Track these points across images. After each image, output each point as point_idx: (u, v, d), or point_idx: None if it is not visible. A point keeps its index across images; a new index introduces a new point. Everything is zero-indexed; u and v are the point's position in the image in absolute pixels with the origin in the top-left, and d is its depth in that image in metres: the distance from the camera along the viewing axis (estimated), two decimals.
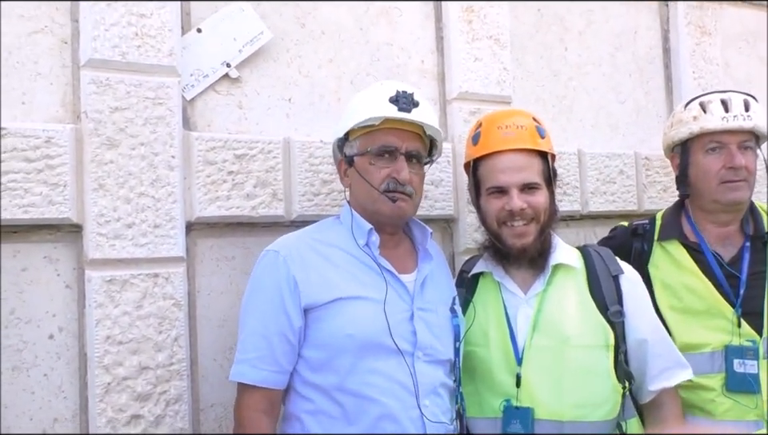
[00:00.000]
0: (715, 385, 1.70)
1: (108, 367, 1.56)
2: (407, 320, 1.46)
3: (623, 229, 1.96)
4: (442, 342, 1.50)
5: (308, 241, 1.51)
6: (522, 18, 2.32)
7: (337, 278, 1.45)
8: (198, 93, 1.76)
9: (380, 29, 2.05)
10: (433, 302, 1.53)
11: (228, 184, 1.74)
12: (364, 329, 1.40)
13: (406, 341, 1.44)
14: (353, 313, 1.41)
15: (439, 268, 1.63)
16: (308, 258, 1.46)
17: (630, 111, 2.54)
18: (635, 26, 2.59)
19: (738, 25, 2.87)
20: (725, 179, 1.76)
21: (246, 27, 1.81)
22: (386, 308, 1.42)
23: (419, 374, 1.43)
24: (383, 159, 1.50)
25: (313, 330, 1.43)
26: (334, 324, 1.41)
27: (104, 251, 1.58)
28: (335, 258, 1.48)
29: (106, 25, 1.60)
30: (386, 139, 1.50)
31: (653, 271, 1.83)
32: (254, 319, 1.45)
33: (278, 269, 1.44)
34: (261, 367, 1.41)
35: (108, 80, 1.60)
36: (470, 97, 2.12)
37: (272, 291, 1.43)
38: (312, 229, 1.57)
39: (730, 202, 1.77)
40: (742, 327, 1.70)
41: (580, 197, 2.33)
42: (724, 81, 2.73)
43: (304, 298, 1.42)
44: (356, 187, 1.55)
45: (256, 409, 1.41)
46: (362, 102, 1.54)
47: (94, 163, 1.57)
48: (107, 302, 1.57)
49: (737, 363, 1.68)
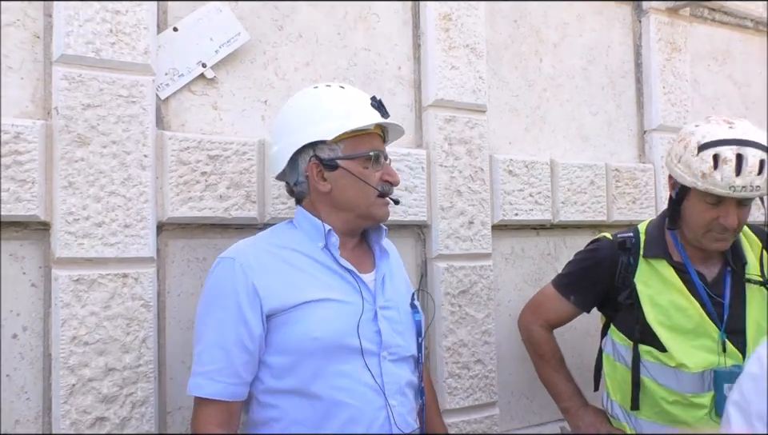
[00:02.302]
0: (706, 403, 1.71)
1: (73, 368, 1.53)
2: (371, 320, 1.46)
3: (609, 242, 1.92)
4: (404, 339, 1.51)
5: (265, 247, 1.48)
6: (499, 29, 2.35)
7: (300, 282, 1.42)
8: (172, 92, 1.74)
9: (358, 35, 2.06)
10: (393, 300, 1.53)
11: (201, 185, 1.73)
12: (330, 331, 1.39)
13: (371, 342, 1.44)
14: (318, 316, 1.40)
15: (396, 265, 1.64)
16: (267, 263, 1.43)
17: (601, 123, 2.59)
18: (608, 41, 2.64)
19: (708, 43, 2.95)
20: (714, 231, 1.73)
21: (223, 28, 1.81)
22: (351, 308, 1.42)
23: (386, 374, 1.43)
24: (374, 163, 1.50)
25: (277, 336, 1.40)
26: (299, 328, 1.39)
27: (72, 250, 1.55)
28: (296, 262, 1.46)
29: (80, 21, 1.58)
30: (372, 144, 1.50)
31: (641, 287, 1.81)
32: (210, 330, 1.40)
33: (235, 277, 1.39)
34: (219, 379, 1.37)
35: (81, 76, 1.57)
36: (445, 104, 2.14)
37: (229, 300, 1.39)
38: (267, 235, 1.54)
39: (713, 250, 1.77)
40: (728, 349, 1.72)
41: (551, 206, 2.36)
42: (693, 97, 2.80)
43: (266, 305, 1.39)
44: (345, 191, 1.48)
45: (213, 423, 1.37)
46: (343, 106, 1.49)
47: (63, 160, 1.55)
48: (74, 302, 1.54)
49: (727, 387, 1.67)
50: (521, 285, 2.34)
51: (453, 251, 2.12)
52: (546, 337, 2.06)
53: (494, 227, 2.24)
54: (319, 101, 1.52)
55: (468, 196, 2.17)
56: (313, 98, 1.53)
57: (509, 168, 2.27)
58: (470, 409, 2.12)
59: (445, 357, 2.09)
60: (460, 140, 2.16)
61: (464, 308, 2.13)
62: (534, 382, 2.29)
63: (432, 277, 2.11)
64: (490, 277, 2.20)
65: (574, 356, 2.40)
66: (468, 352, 2.13)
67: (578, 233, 2.43)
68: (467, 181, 2.17)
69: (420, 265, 2.14)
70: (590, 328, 2.41)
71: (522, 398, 2.31)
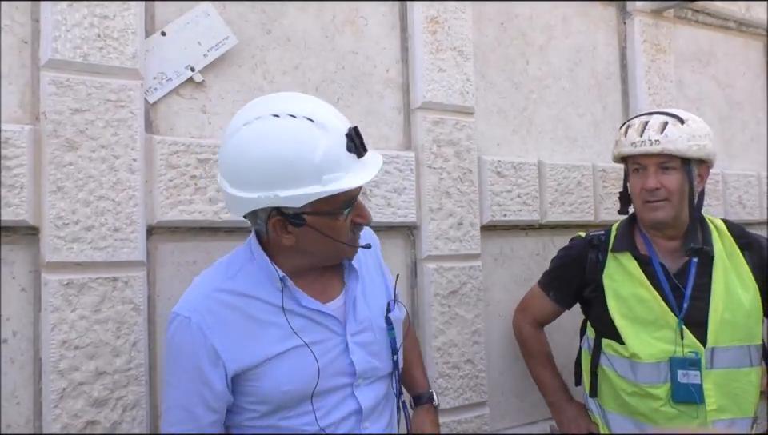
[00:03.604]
0: (662, 395, 1.76)
1: (63, 372, 1.53)
2: (342, 353, 1.39)
3: (581, 240, 2.01)
4: (381, 359, 1.44)
5: (220, 296, 1.34)
6: (486, 31, 2.37)
7: (261, 336, 1.33)
8: (161, 96, 1.75)
9: (346, 38, 2.07)
10: (367, 319, 1.43)
11: (190, 188, 1.74)
12: (299, 382, 1.34)
13: (344, 375, 1.38)
14: (284, 370, 1.34)
15: (368, 277, 1.50)
16: (225, 319, 1.32)
17: (588, 124, 2.62)
18: (594, 43, 2.67)
19: (692, 44, 2.99)
20: (644, 199, 1.83)
21: (211, 31, 1.81)
22: (315, 350, 1.33)
23: (362, 399, 1.40)
24: (347, 211, 1.32)
25: (249, 388, 1.34)
26: (267, 384, 1.34)
27: (62, 254, 1.55)
28: (254, 311, 1.34)
29: (68, 26, 1.58)
30: (348, 193, 1.29)
31: (607, 281, 1.89)
32: (174, 389, 1.34)
33: (194, 339, 1.30)
34: None
35: (69, 81, 1.58)
36: (433, 106, 2.16)
37: (189, 363, 1.31)
38: (221, 276, 1.38)
39: (650, 221, 1.84)
40: (686, 338, 1.76)
41: (539, 207, 2.39)
42: (677, 97, 2.84)
43: (230, 365, 1.31)
44: (312, 245, 1.33)
45: None
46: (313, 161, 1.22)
47: (52, 165, 1.55)
48: (64, 306, 1.54)
49: (680, 374, 1.73)
50: (510, 286, 2.35)
51: (442, 252, 2.14)
52: (534, 334, 2.12)
53: (482, 228, 2.26)
54: (282, 152, 1.22)
55: (457, 197, 2.18)
56: (274, 144, 1.23)
57: (497, 169, 2.29)
58: (460, 409, 2.14)
59: (435, 357, 2.10)
60: (448, 142, 2.18)
61: (454, 308, 2.15)
62: (523, 381, 2.31)
63: (421, 278, 2.12)
64: (479, 278, 2.22)
65: (562, 354, 2.42)
66: (458, 352, 2.15)
67: (566, 234, 2.45)
68: (456, 182, 2.18)
69: (409, 266, 2.15)
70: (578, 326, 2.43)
71: (511, 397, 2.33)
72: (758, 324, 1.81)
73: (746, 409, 1.77)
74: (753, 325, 1.80)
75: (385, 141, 2.12)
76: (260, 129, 1.25)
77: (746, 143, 3.14)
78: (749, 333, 1.78)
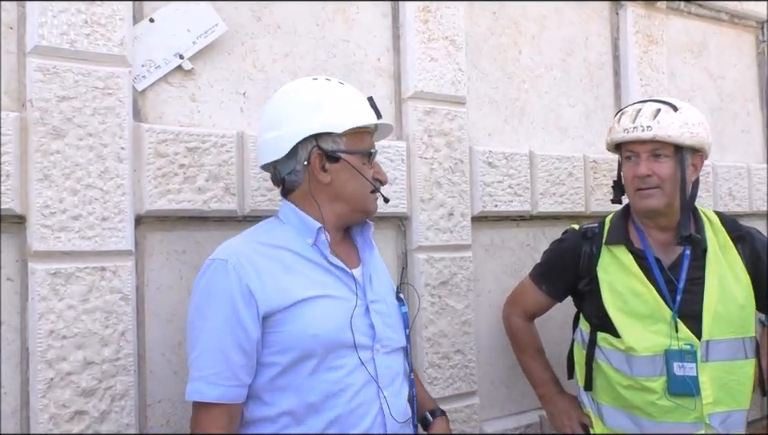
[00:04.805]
0: (657, 388, 1.76)
1: (51, 362, 1.52)
2: (364, 314, 1.48)
3: (574, 232, 2.00)
4: (394, 331, 1.54)
5: (254, 246, 1.46)
6: (478, 21, 2.36)
7: (292, 281, 1.43)
8: (149, 84, 1.73)
9: (337, 26, 2.05)
10: (380, 294, 1.56)
11: (179, 177, 1.72)
12: (327, 328, 1.41)
13: (365, 336, 1.46)
14: (314, 314, 1.41)
15: (378, 259, 1.67)
16: (259, 264, 1.41)
17: (579, 115, 2.62)
18: (587, 33, 2.66)
19: (684, 36, 2.99)
20: (636, 187, 1.84)
21: (200, 19, 1.79)
22: (344, 305, 1.44)
23: (380, 366, 1.47)
24: (369, 160, 1.55)
25: (274, 336, 1.39)
26: (297, 326, 1.39)
27: (49, 243, 1.54)
28: (287, 260, 1.46)
29: (54, 12, 1.56)
30: (370, 142, 1.56)
31: (601, 274, 1.88)
32: (206, 334, 1.37)
33: (229, 279, 1.38)
34: (219, 383, 1.35)
35: (55, 68, 1.55)
36: (424, 96, 2.14)
37: (224, 303, 1.37)
38: (255, 232, 1.53)
39: (642, 209, 1.85)
40: (680, 331, 1.76)
41: (530, 197, 2.39)
42: (669, 89, 2.84)
43: (262, 306, 1.37)
44: (345, 183, 1.50)
45: (217, 427, 1.36)
46: (347, 102, 1.53)
47: (39, 153, 1.53)
48: (51, 296, 1.53)
49: (676, 366, 1.74)
50: (500, 276, 2.36)
51: (433, 242, 2.14)
52: (524, 326, 2.11)
53: (473, 218, 2.25)
54: (323, 93, 1.52)
55: (448, 187, 2.18)
56: (315, 89, 1.54)
57: (488, 160, 2.28)
58: (450, 398, 2.14)
59: (425, 347, 2.10)
60: (440, 132, 2.17)
61: (444, 299, 2.15)
62: (513, 371, 2.32)
63: (412, 268, 2.12)
64: (469, 268, 2.22)
65: (552, 345, 2.43)
66: (448, 342, 2.15)
67: (556, 224, 2.46)
68: (447, 172, 2.18)
69: (400, 256, 2.15)
70: (568, 319, 2.44)
71: (501, 387, 2.34)
72: (751, 316, 1.81)
73: (741, 401, 1.78)
74: (746, 317, 1.80)
75: None
76: (302, 81, 1.60)
77: (736, 135, 3.15)
78: (743, 325, 1.79)
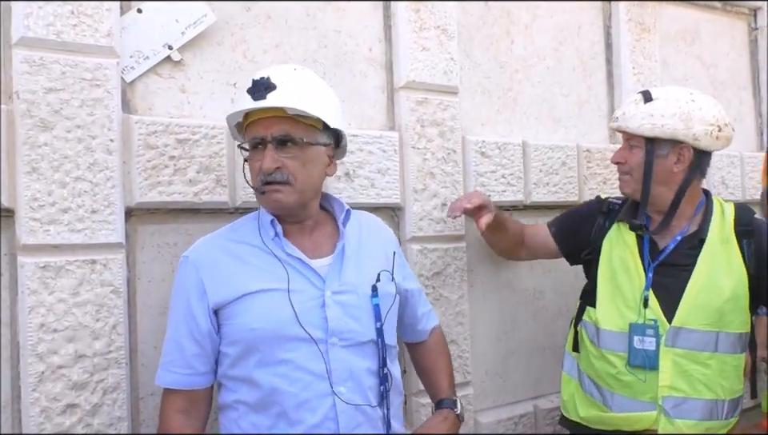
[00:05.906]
0: (618, 363, 1.82)
1: (42, 355, 1.51)
2: (318, 307, 1.45)
3: (599, 201, 2.06)
4: (361, 324, 1.48)
5: (220, 242, 1.52)
6: (470, 10, 2.35)
7: (242, 275, 1.45)
8: (138, 75, 1.71)
9: (328, 16, 2.04)
10: (352, 284, 1.50)
11: (170, 169, 1.71)
12: (268, 322, 1.41)
13: (317, 328, 1.43)
14: (257, 307, 1.42)
15: (369, 244, 1.60)
16: (216, 259, 1.48)
17: (572, 104, 2.61)
18: (579, 22, 2.65)
19: (677, 24, 2.98)
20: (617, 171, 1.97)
21: (188, 9, 1.77)
22: (292, 296, 1.42)
23: (333, 361, 1.43)
24: (257, 152, 1.46)
25: (226, 328, 1.46)
26: (240, 320, 1.43)
27: (38, 237, 1.52)
28: (244, 254, 1.49)
29: (40, 3, 1.54)
30: (255, 131, 1.47)
31: (606, 246, 1.95)
32: (170, 325, 1.50)
33: (188, 274, 1.48)
34: (173, 370, 1.46)
35: (42, 60, 1.54)
36: (417, 86, 2.13)
37: (182, 297, 1.47)
38: (229, 227, 1.58)
39: (621, 193, 1.97)
40: (650, 309, 1.81)
41: (524, 187, 2.38)
42: (662, 77, 2.83)
43: (212, 299, 1.44)
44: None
45: (174, 409, 1.46)
46: (241, 91, 1.52)
47: (26, 145, 1.52)
48: (41, 289, 1.52)
49: (636, 340, 1.80)
50: (494, 267, 2.35)
51: (426, 233, 2.13)
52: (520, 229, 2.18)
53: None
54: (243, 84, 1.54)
55: (441, 178, 2.17)
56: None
57: (481, 149, 2.27)
58: None
59: None
60: (432, 122, 2.16)
61: (438, 289, 2.15)
62: (507, 362, 2.33)
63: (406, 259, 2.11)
64: (463, 259, 2.21)
65: (546, 335, 2.44)
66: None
67: (550, 214, 2.44)
68: (440, 163, 2.17)
69: None
70: (562, 309, 2.45)
71: (495, 377, 2.34)
72: (735, 312, 1.80)
73: (701, 391, 1.78)
74: (729, 312, 1.79)
75: (368, 121, 2.10)
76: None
77: None
78: (721, 319, 1.78)
